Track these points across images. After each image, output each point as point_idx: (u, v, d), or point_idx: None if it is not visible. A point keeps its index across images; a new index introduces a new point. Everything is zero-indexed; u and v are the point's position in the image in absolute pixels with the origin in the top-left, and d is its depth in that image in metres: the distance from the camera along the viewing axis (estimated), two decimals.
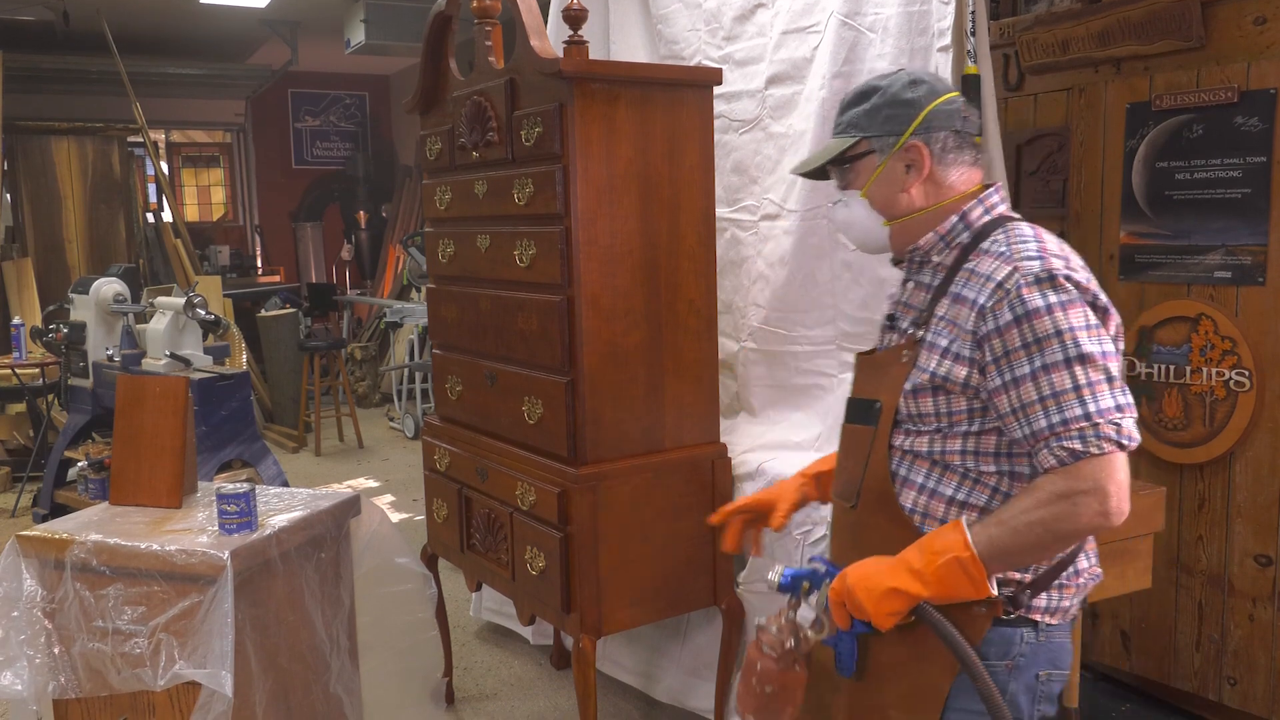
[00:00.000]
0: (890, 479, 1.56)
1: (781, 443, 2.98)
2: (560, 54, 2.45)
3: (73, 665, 1.99)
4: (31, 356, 5.64)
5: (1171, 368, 2.95)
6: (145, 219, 9.31)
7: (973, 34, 2.59)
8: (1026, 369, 1.40)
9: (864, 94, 1.61)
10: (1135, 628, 3.13)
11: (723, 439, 2.82)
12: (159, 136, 10.92)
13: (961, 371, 1.48)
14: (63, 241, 8.51)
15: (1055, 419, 1.38)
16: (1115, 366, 1.41)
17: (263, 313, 8.10)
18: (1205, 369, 2.88)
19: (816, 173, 1.70)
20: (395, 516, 5.49)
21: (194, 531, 2.05)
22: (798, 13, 2.96)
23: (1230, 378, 2.82)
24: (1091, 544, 1.58)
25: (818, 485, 1.86)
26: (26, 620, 2.01)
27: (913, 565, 1.42)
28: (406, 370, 7.66)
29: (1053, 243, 1.50)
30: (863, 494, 1.60)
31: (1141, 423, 3.11)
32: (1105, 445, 1.36)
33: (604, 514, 2.56)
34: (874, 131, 1.58)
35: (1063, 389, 1.38)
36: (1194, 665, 3.00)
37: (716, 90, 2.72)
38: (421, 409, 7.43)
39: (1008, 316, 1.42)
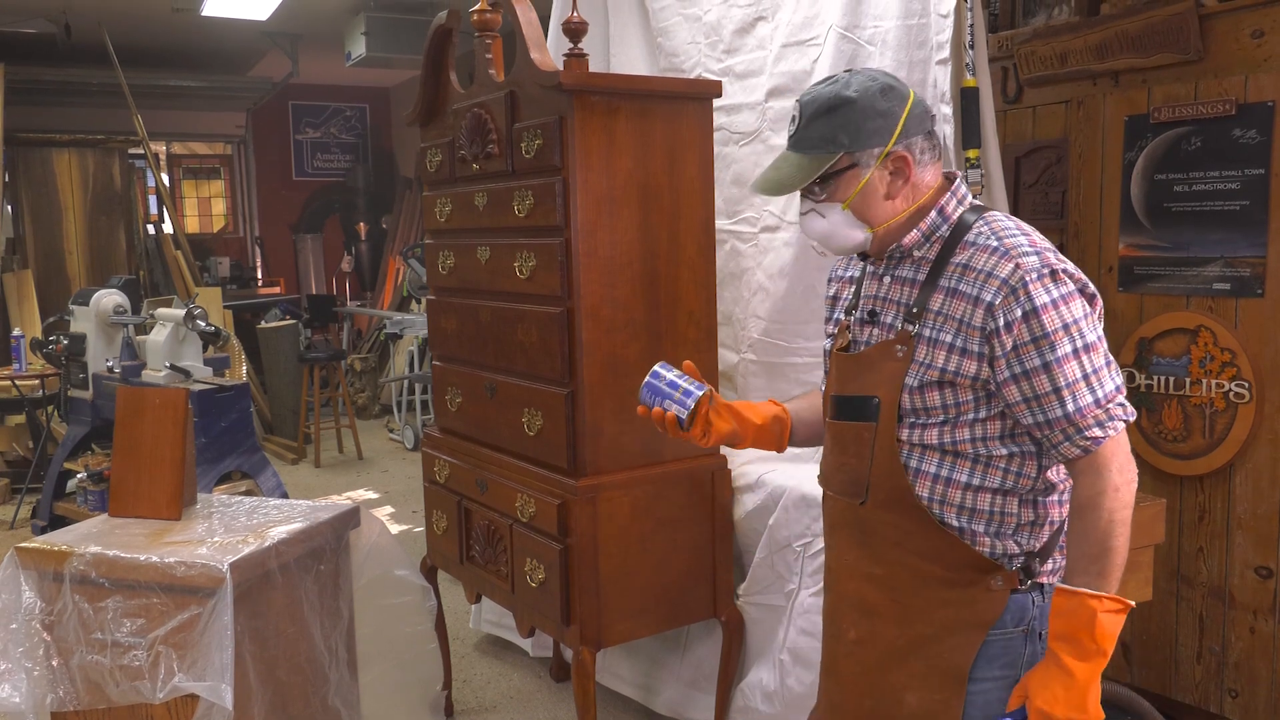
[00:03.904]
0: (903, 472, 1.58)
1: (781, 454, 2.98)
2: (560, 67, 2.46)
3: (71, 678, 1.99)
4: (31, 368, 5.64)
5: (1171, 379, 2.95)
6: (146, 230, 9.33)
7: (971, 47, 2.60)
8: (1038, 361, 1.47)
9: (832, 106, 1.55)
10: (1136, 640, 3.12)
11: (722, 451, 2.82)
12: (160, 148, 10.94)
13: (972, 366, 1.52)
14: (63, 253, 8.53)
15: (1070, 407, 1.47)
16: (1106, 349, 1.52)
17: (263, 324, 8.10)
18: (1205, 381, 2.88)
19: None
20: (395, 528, 5.49)
21: (193, 543, 2.05)
22: (797, 26, 2.98)
23: (1230, 389, 2.82)
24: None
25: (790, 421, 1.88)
26: (25, 632, 2.01)
27: (1086, 648, 1.47)
28: (406, 381, 7.66)
29: (1035, 234, 1.57)
30: (871, 490, 1.61)
31: (1141, 434, 3.12)
32: (1117, 425, 1.49)
33: (604, 526, 2.56)
34: (856, 146, 1.55)
35: (1073, 379, 1.47)
36: (1195, 678, 2.99)
37: (717, 103, 2.73)
38: (421, 420, 7.42)
39: (1017, 313, 1.47)
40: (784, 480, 2.77)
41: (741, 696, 2.85)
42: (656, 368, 1.79)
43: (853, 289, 1.76)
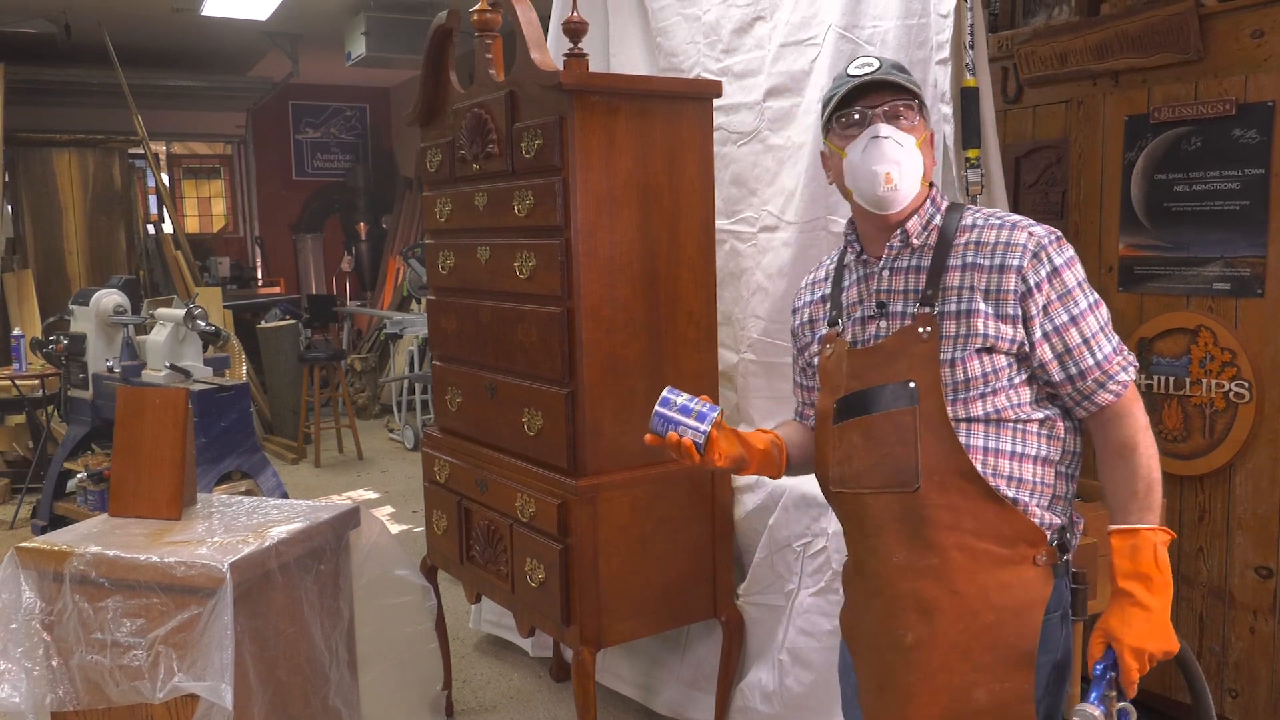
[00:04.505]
0: (959, 448, 1.59)
1: None
2: (560, 67, 2.46)
3: (71, 678, 1.99)
4: (31, 368, 5.65)
5: (1171, 379, 2.96)
6: (146, 230, 9.33)
7: (971, 47, 2.60)
8: (1065, 317, 1.59)
9: (901, 67, 1.69)
10: None
11: None
12: (160, 148, 10.94)
13: (1009, 330, 1.58)
14: (63, 253, 8.53)
15: (1100, 356, 1.59)
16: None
17: (263, 324, 8.10)
18: (1205, 381, 2.88)
19: (871, 88, 1.64)
20: (395, 528, 5.49)
21: (193, 543, 2.05)
22: (796, 25, 2.97)
23: (1230, 389, 2.82)
24: None
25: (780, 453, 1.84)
26: (25, 632, 2.01)
27: (1153, 581, 1.53)
28: (406, 381, 7.66)
29: None
30: (924, 474, 1.60)
31: None
32: (1133, 371, 1.62)
33: (604, 526, 2.56)
34: (924, 100, 1.67)
35: (1096, 330, 1.60)
36: None
37: (715, 102, 2.73)
38: (421, 420, 7.43)
39: (1043, 273, 1.58)
40: (784, 480, 2.77)
41: (741, 696, 2.85)
42: (665, 394, 1.73)
43: (827, 305, 1.79)
